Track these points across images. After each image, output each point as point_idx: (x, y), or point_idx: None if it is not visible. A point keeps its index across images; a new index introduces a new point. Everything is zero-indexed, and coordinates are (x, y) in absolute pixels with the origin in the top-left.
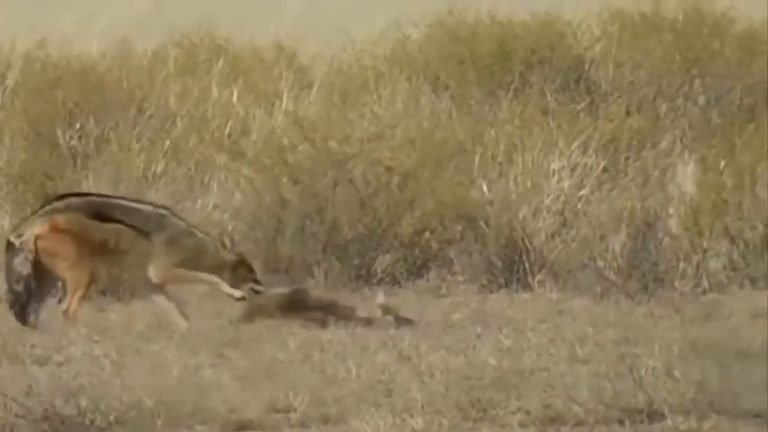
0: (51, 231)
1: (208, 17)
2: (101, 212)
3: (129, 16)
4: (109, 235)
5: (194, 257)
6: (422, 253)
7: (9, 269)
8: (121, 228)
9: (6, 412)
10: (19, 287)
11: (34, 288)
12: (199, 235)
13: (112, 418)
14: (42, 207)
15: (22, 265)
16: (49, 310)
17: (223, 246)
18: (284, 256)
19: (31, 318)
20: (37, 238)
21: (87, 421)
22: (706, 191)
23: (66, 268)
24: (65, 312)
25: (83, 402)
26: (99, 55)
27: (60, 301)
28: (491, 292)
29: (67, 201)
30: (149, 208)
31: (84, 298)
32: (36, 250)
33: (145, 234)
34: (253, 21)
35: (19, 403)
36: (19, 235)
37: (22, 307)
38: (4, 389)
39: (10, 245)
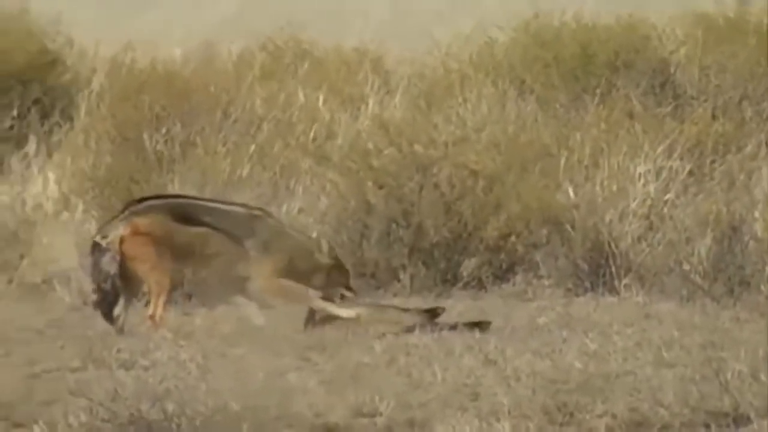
0: (133, 234)
1: (292, 21)
2: (186, 215)
3: (213, 20)
4: (194, 238)
5: (291, 262)
6: (508, 257)
7: (96, 269)
8: (208, 231)
9: (92, 417)
10: (107, 286)
11: (121, 288)
12: (296, 236)
13: (198, 423)
14: (124, 210)
15: (109, 264)
16: (135, 313)
17: (319, 248)
18: (370, 260)
19: (118, 319)
20: (121, 240)
21: (173, 426)
22: None
23: (147, 271)
24: (151, 316)
25: (169, 406)
26: (184, 59)
27: (146, 305)
28: (577, 295)
29: (148, 203)
30: (240, 210)
31: (168, 302)
32: (121, 252)
33: (236, 239)
34: (337, 25)
35: (105, 407)
36: (104, 236)
37: (110, 307)
38: (90, 393)
39: (96, 245)
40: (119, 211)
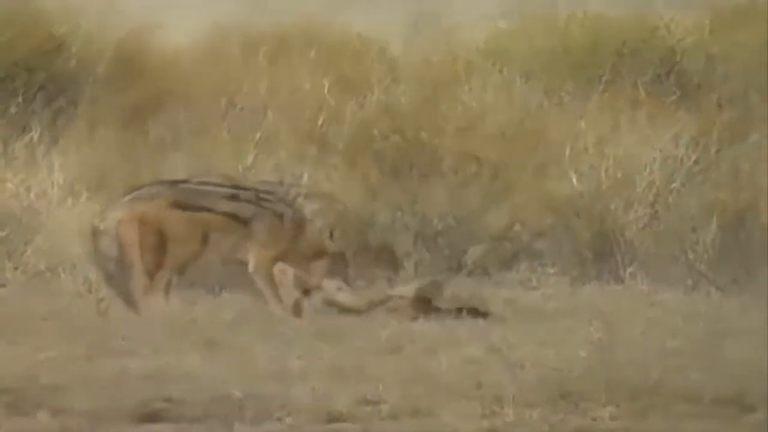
0: (130, 218)
1: (299, 8)
2: (187, 201)
3: (219, 6)
4: (194, 224)
5: (296, 247)
6: (513, 245)
7: (97, 253)
8: (209, 216)
9: (96, 404)
10: (112, 269)
11: (131, 270)
12: (308, 220)
13: (200, 410)
14: (126, 194)
15: (109, 248)
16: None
17: (329, 235)
18: (374, 247)
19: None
20: (118, 223)
21: (176, 413)
22: None
23: (139, 256)
24: (147, 300)
25: (172, 394)
26: (190, 45)
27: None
28: (582, 284)
29: (151, 189)
30: (249, 192)
31: (166, 288)
32: (117, 235)
33: (242, 221)
34: (344, 12)
35: (109, 394)
36: (103, 219)
37: (124, 288)
38: (94, 381)
39: (95, 229)
40: (121, 196)
